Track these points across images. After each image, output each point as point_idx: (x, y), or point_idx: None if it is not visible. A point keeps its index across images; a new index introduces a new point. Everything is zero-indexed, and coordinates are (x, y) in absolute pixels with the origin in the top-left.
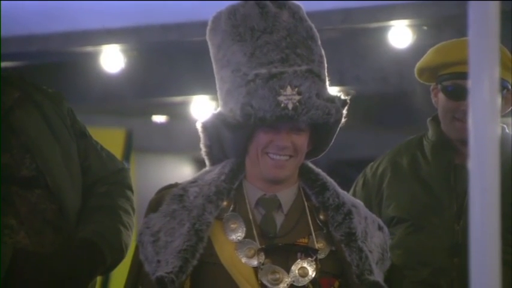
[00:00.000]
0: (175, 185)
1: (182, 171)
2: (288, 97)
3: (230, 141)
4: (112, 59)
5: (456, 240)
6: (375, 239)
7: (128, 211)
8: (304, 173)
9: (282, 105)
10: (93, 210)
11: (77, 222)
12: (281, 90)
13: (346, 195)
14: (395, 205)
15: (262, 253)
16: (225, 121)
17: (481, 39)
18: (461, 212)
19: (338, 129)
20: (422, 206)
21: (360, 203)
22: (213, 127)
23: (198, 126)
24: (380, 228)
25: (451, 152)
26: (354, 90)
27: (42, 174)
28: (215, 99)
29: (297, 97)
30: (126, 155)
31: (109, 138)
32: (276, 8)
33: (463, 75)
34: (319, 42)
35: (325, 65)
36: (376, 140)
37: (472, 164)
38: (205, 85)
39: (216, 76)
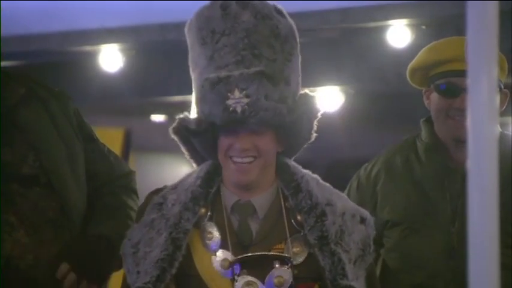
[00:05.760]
0: (163, 189)
1: (181, 171)
2: (237, 100)
3: (197, 145)
4: (111, 59)
5: (451, 243)
6: (354, 235)
7: (135, 210)
8: (281, 173)
9: (231, 109)
10: (104, 208)
11: (85, 220)
12: (229, 94)
13: (322, 193)
14: (390, 208)
15: (238, 264)
16: (186, 127)
17: (479, 39)
18: (455, 215)
19: (309, 125)
20: (416, 209)
21: (339, 198)
22: (181, 132)
23: (170, 131)
24: (362, 221)
25: (444, 155)
26: (352, 89)
27: (43, 172)
28: None
29: (246, 100)
30: (125, 154)
31: (108, 137)
32: (239, 8)
33: (455, 73)
34: (294, 39)
35: (294, 63)
36: (375, 139)
37: (471, 164)
38: None
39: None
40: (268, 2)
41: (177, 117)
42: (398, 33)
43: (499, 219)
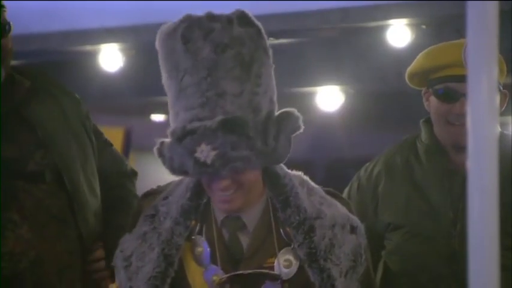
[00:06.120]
0: (155, 192)
1: None
2: (205, 154)
3: None
4: (111, 58)
5: (453, 246)
6: (344, 247)
7: None
8: (270, 184)
9: (201, 160)
10: (117, 200)
11: (103, 214)
12: (196, 148)
13: (312, 205)
14: (391, 211)
15: (227, 282)
16: (164, 165)
17: (479, 38)
18: (457, 218)
19: (291, 133)
20: (418, 212)
21: (329, 207)
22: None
23: (155, 152)
24: (353, 230)
25: (445, 157)
26: (352, 89)
27: (51, 170)
28: None
29: (213, 152)
30: (125, 154)
31: (108, 136)
32: (199, 39)
33: (454, 78)
34: (263, 50)
35: (265, 83)
36: (375, 139)
37: (471, 164)
38: None
39: None
40: (229, 13)
41: (157, 141)
42: (398, 33)
43: (499, 220)
